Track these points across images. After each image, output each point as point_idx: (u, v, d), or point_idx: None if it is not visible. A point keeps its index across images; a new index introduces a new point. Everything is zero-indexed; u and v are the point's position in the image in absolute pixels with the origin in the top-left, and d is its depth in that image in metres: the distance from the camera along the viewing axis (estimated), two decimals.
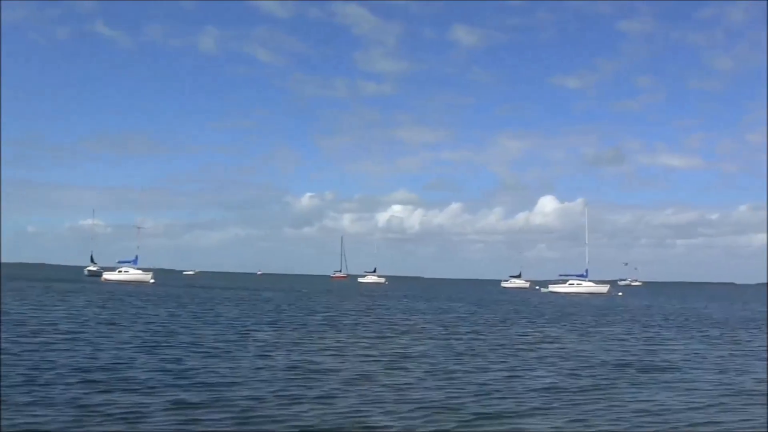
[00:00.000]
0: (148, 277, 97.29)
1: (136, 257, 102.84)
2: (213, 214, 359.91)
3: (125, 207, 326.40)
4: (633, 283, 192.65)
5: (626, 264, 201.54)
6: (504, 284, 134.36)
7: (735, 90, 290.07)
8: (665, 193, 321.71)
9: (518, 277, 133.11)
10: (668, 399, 14.30)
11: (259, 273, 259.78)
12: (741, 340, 28.73)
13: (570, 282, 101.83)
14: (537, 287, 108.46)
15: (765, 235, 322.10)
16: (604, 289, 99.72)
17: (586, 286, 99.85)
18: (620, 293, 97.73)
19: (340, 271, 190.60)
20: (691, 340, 28.41)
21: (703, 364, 20.24)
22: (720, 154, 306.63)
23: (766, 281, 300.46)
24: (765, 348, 25.52)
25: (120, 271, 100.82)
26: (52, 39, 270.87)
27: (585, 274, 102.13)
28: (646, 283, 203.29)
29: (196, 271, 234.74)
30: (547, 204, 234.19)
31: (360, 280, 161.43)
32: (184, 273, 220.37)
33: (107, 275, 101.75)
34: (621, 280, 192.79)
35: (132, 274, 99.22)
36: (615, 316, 44.17)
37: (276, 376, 15.80)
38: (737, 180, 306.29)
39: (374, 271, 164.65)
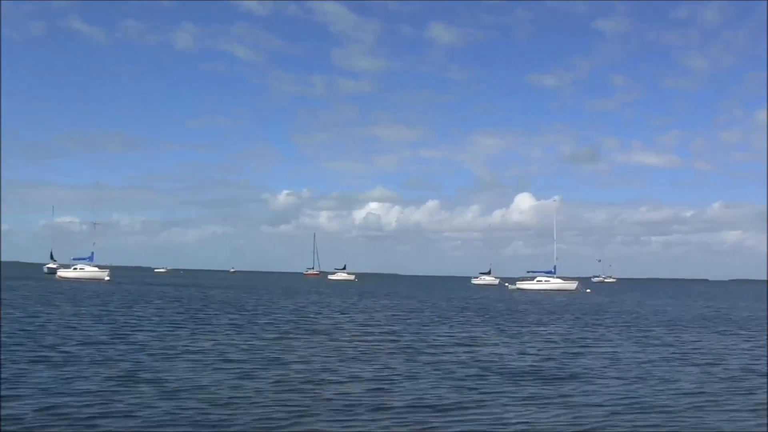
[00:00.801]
0: (104, 275, 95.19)
1: (92, 254, 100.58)
2: (190, 211, 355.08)
3: (102, 205, 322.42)
4: (607, 280, 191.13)
5: (600, 261, 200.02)
6: (474, 281, 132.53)
7: (709, 89, 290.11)
8: (640, 190, 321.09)
9: (488, 274, 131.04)
10: (542, 419, 11.63)
11: (232, 270, 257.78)
12: (683, 342, 26.14)
13: (538, 279, 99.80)
14: (506, 284, 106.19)
15: (738, 232, 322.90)
16: (572, 285, 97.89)
17: (554, 283, 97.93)
18: (588, 290, 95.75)
19: (313, 268, 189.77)
20: (628, 341, 25.81)
21: (622, 372, 17.60)
22: (694, 153, 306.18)
23: (739, 278, 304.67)
24: (703, 350, 23.00)
25: (75, 269, 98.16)
26: (27, 35, 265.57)
27: (553, 270, 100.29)
28: (620, 280, 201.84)
29: (168, 269, 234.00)
30: (524, 201, 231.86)
31: (330, 277, 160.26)
32: (156, 270, 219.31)
33: (62, 273, 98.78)
34: (595, 276, 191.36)
35: (87, 271, 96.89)
36: (565, 314, 41.63)
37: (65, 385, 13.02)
38: (711, 178, 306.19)
39: (344, 268, 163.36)
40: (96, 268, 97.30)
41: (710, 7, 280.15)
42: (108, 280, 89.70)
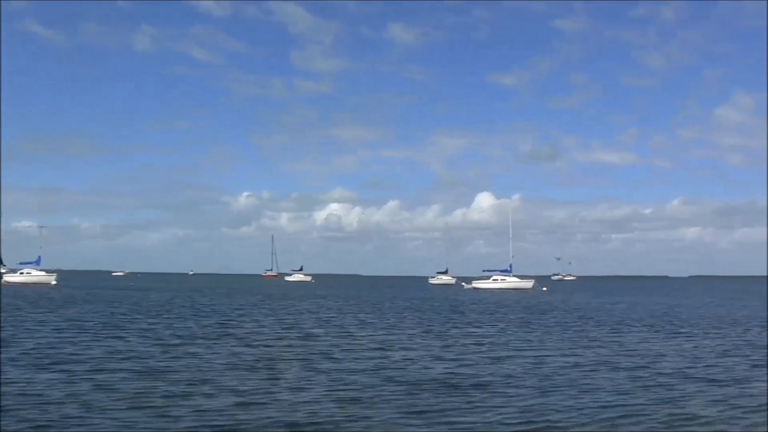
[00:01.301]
0: (51, 279, 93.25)
1: (39, 258, 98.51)
2: (150, 214, 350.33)
3: (61, 209, 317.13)
4: (566, 278, 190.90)
5: (559, 259, 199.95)
6: (431, 281, 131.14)
7: (667, 87, 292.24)
8: (600, 188, 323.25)
9: (445, 273, 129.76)
10: None
11: (191, 273, 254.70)
12: (621, 343, 24.38)
13: (493, 278, 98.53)
14: (462, 283, 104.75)
15: (697, 228, 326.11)
16: (528, 284, 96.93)
17: (510, 282, 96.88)
18: (544, 288, 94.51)
19: (272, 270, 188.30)
20: (563, 343, 24.00)
21: (540, 380, 15.71)
22: (653, 150, 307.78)
23: (699, 274, 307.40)
24: (640, 352, 21.22)
25: (21, 273, 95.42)
26: None
27: (509, 269, 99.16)
28: (580, 278, 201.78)
29: (126, 272, 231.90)
30: (484, 201, 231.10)
31: (287, 278, 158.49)
32: (113, 274, 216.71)
33: (8, 278, 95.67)
34: (554, 274, 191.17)
35: (34, 275, 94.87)
36: (509, 314, 39.84)
37: None
38: (670, 175, 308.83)
39: (301, 270, 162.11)
40: (43, 273, 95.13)
41: (668, 5, 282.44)
42: (54, 285, 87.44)
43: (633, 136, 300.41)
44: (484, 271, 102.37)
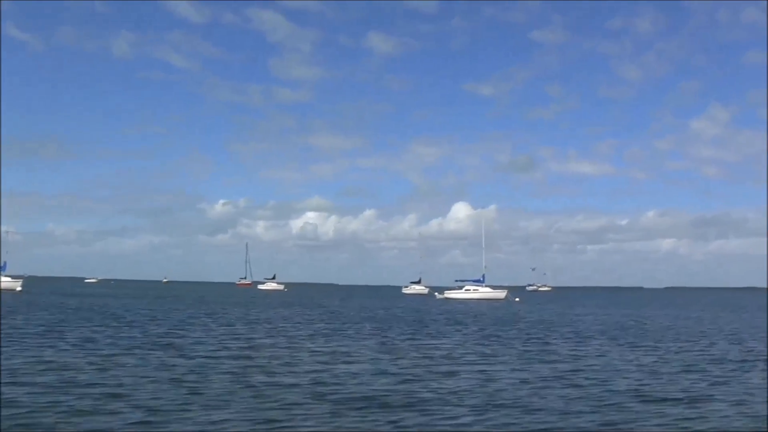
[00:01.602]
0: (16, 285, 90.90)
1: (5, 264, 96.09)
2: (126, 220, 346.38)
3: (36, 214, 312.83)
4: (541, 288, 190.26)
5: (534, 269, 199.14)
6: (404, 290, 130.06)
7: (643, 98, 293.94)
8: (576, 199, 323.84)
9: (418, 283, 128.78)
10: None
11: (165, 281, 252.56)
12: (580, 356, 23.33)
13: (466, 288, 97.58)
14: (435, 293, 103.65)
15: (672, 240, 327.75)
16: (501, 294, 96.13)
17: (483, 292, 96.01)
18: (517, 299, 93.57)
19: (246, 278, 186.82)
20: (520, 357, 22.92)
21: (483, 399, 14.58)
22: (629, 161, 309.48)
23: (673, 285, 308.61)
24: (597, 367, 20.16)
25: None
26: None
27: (482, 279, 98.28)
28: (555, 289, 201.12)
29: (99, 279, 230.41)
30: (460, 210, 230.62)
31: (260, 287, 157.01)
32: (86, 281, 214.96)
33: None
34: (529, 285, 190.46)
35: None
36: (472, 325, 38.73)
37: None
38: (645, 186, 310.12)
39: (274, 278, 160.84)
40: (9, 279, 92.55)
41: (644, 17, 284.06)
42: (19, 291, 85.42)
43: (609, 147, 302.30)
44: (456, 281, 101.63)
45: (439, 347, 25.41)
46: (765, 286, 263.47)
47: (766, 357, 23.76)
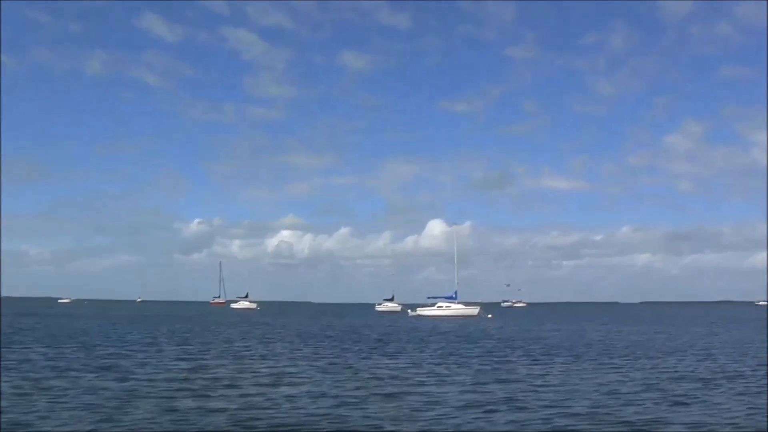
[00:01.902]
0: None
1: None
2: (101, 240, 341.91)
3: (10, 234, 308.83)
4: (516, 305, 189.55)
5: (508, 285, 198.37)
6: (378, 308, 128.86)
7: (617, 114, 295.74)
8: (551, 215, 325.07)
9: (391, 300, 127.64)
10: None
11: (139, 300, 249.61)
12: (535, 376, 22.30)
13: (438, 305, 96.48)
14: (408, 311, 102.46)
15: (647, 255, 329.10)
16: (473, 311, 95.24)
17: (455, 309, 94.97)
18: (490, 315, 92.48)
19: (219, 297, 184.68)
20: (472, 375, 21.85)
21: (408, 425, 13.43)
22: (603, 177, 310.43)
23: (649, 300, 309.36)
24: (544, 388, 19.12)
25: None
26: None
27: (454, 296, 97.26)
28: (530, 305, 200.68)
29: (72, 299, 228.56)
30: (436, 228, 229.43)
31: (232, 306, 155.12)
32: (59, 301, 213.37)
33: None
34: (504, 301, 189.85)
35: None
36: (434, 343, 37.61)
37: None
38: (620, 202, 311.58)
39: (246, 297, 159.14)
40: None
41: (617, 33, 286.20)
42: None
43: (583, 162, 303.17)
44: (428, 298, 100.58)
45: (392, 367, 24.27)
46: (740, 299, 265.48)
47: (733, 374, 22.83)
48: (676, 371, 23.93)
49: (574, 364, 26.04)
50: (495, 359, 27.80)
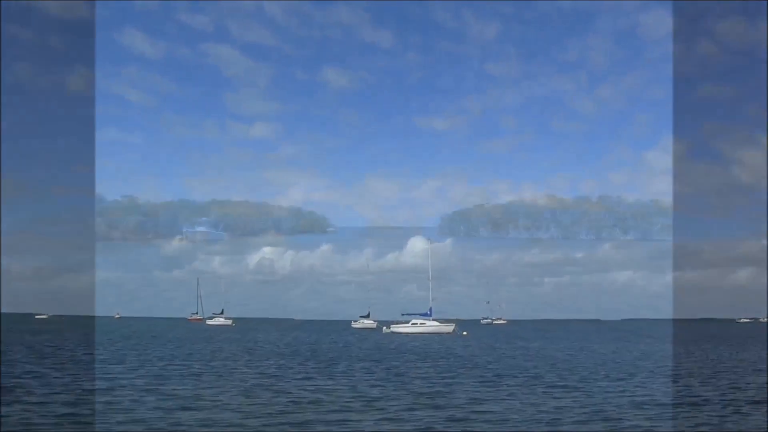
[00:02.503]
0: None
1: None
2: (82, 256, 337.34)
3: None
4: (497, 322, 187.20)
5: (488, 302, 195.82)
6: (354, 324, 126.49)
7: (597, 131, 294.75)
8: (532, 231, 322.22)
9: (367, 317, 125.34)
10: None
11: (116, 316, 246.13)
12: (479, 401, 20.26)
13: (413, 322, 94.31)
14: (383, 327, 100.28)
15: (629, 272, 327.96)
16: (448, 328, 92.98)
17: (430, 326, 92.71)
18: (465, 332, 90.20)
19: (197, 313, 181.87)
20: (407, 400, 19.76)
21: None
22: (584, 194, 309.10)
23: (631, 317, 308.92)
24: (489, 412, 17.08)
25: None
26: None
27: (429, 313, 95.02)
28: (511, 321, 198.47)
29: (49, 315, 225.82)
30: (417, 244, 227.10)
31: (209, 322, 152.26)
32: (36, 317, 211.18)
33: None
34: (484, 318, 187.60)
35: None
36: (386, 362, 35.49)
37: None
38: (601, 218, 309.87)
39: (222, 313, 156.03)
40: None
41: (598, 50, 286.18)
42: None
43: (564, 179, 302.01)
44: (403, 315, 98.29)
45: (323, 389, 22.16)
46: (722, 317, 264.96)
47: (699, 399, 20.85)
48: (635, 395, 21.93)
49: (525, 386, 24.01)
50: (444, 381, 25.72)
